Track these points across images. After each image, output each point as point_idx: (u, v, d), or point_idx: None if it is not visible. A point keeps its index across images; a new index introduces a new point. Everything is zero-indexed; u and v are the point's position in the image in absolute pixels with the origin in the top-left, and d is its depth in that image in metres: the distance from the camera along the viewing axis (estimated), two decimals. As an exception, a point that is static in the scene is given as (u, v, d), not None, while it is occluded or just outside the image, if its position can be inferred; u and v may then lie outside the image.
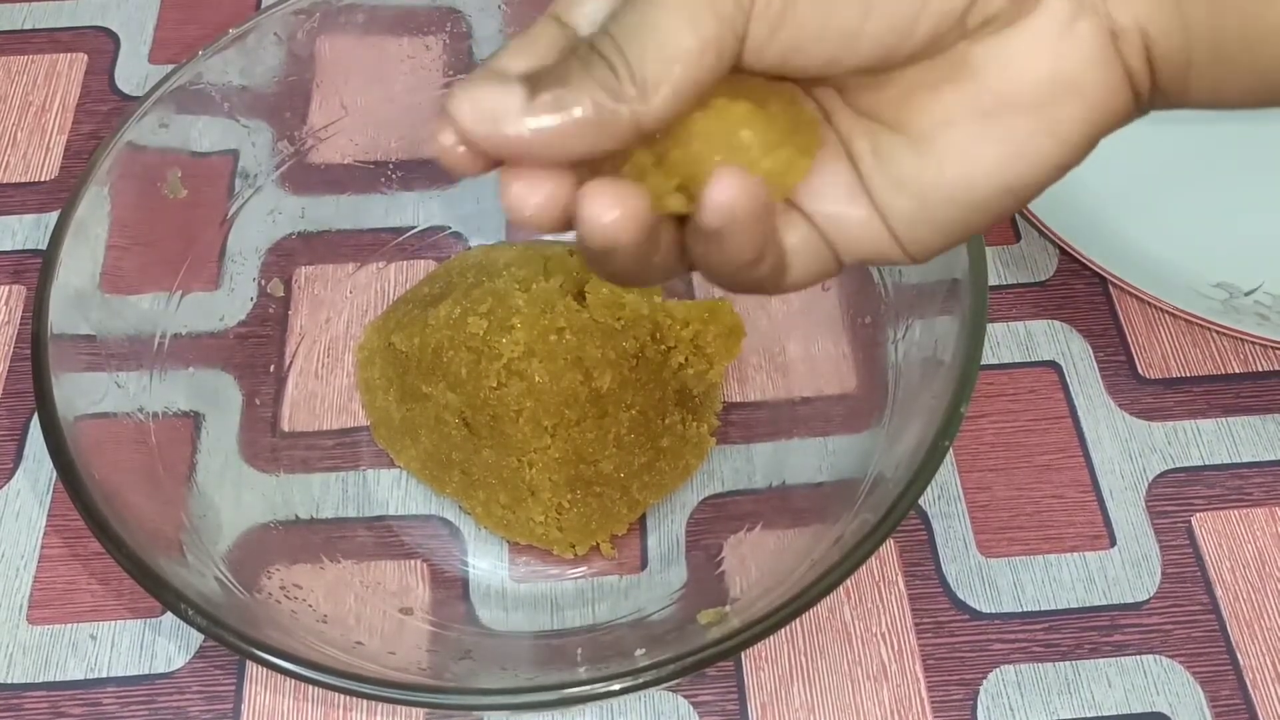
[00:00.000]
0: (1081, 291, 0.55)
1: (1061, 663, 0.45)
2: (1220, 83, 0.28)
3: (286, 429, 0.50)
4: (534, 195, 0.28)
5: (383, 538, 0.48)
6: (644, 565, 0.48)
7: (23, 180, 0.59)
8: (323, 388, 0.52)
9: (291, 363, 0.52)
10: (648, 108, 0.26)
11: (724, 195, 0.28)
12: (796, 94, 0.30)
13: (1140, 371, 0.52)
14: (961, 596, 0.47)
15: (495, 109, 0.26)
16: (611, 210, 0.27)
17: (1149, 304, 0.52)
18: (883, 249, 0.31)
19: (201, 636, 0.46)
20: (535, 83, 0.27)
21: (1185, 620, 0.46)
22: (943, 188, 0.29)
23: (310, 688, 0.44)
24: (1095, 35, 0.28)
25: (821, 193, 0.31)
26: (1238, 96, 0.29)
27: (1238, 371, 0.52)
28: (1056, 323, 0.54)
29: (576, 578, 0.47)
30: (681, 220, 0.30)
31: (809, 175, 0.30)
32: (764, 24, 0.27)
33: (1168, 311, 0.51)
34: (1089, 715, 0.44)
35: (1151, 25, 0.28)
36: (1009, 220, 0.57)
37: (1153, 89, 0.29)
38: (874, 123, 0.30)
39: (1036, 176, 0.29)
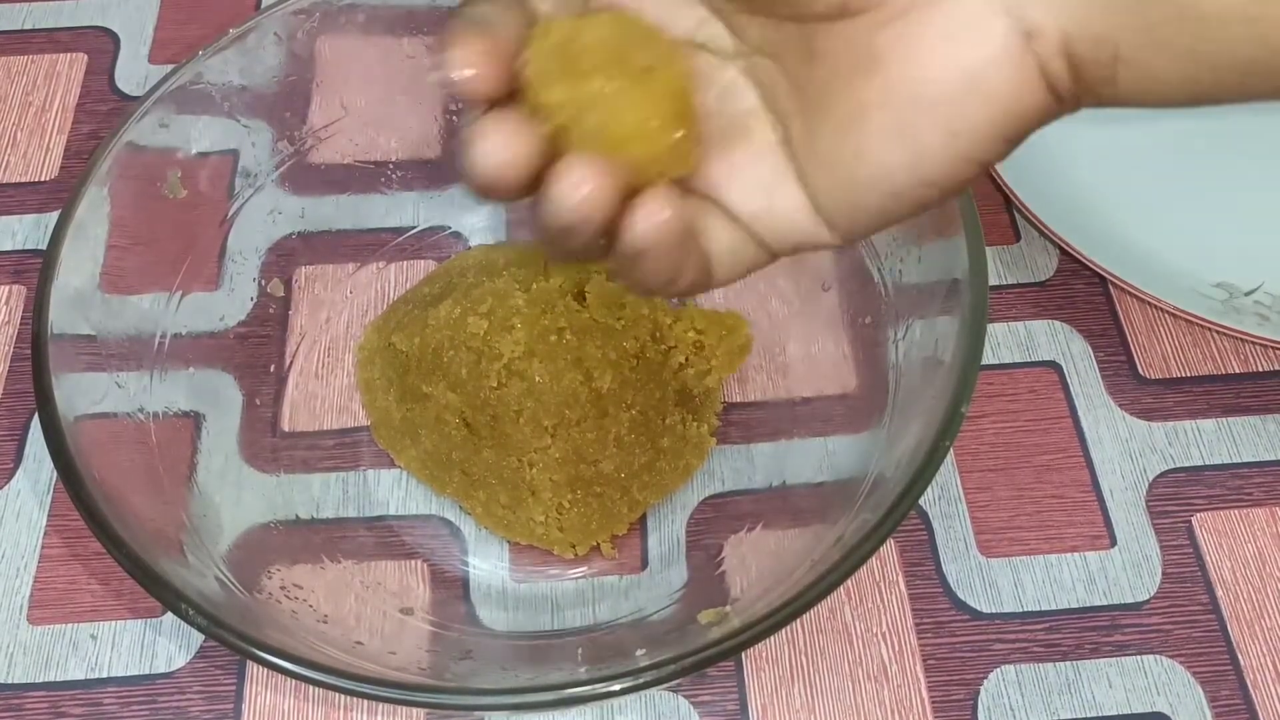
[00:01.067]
0: (1082, 292, 0.55)
1: (1062, 663, 0.45)
2: (1154, 74, 0.27)
3: (287, 429, 0.50)
4: (503, 152, 0.28)
5: (383, 538, 0.48)
6: (644, 565, 0.47)
7: (23, 180, 0.59)
8: (323, 388, 0.52)
9: (292, 363, 0.52)
10: None
11: (644, 224, 0.29)
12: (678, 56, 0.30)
13: (1140, 372, 0.52)
14: (962, 597, 0.47)
15: None
16: (584, 185, 0.28)
17: (1149, 304, 0.52)
18: (812, 234, 0.31)
19: (202, 636, 0.46)
20: None
21: (1185, 620, 0.46)
22: (861, 174, 0.29)
23: (311, 688, 0.44)
24: (1007, 34, 0.27)
25: (749, 184, 0.31)
26: (1176, 88, 0.27)
27: (1238, 371, 0.52)
28: (1057, 323, 0.54)
29: (577, 578, 0.47)
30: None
31: (738, 170, 0.30)
32: None
33: (1168, 312, 0.51)
34: (1089, 715, 0.44)
35: (1071, 21, 0.27)
36: (1008, 220, 0.57)
37: (1076, 86, 0.28)
38: (807, 102, 0.30)
39: (950, 173, 0.29)
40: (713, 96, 0.31)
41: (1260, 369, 0.52)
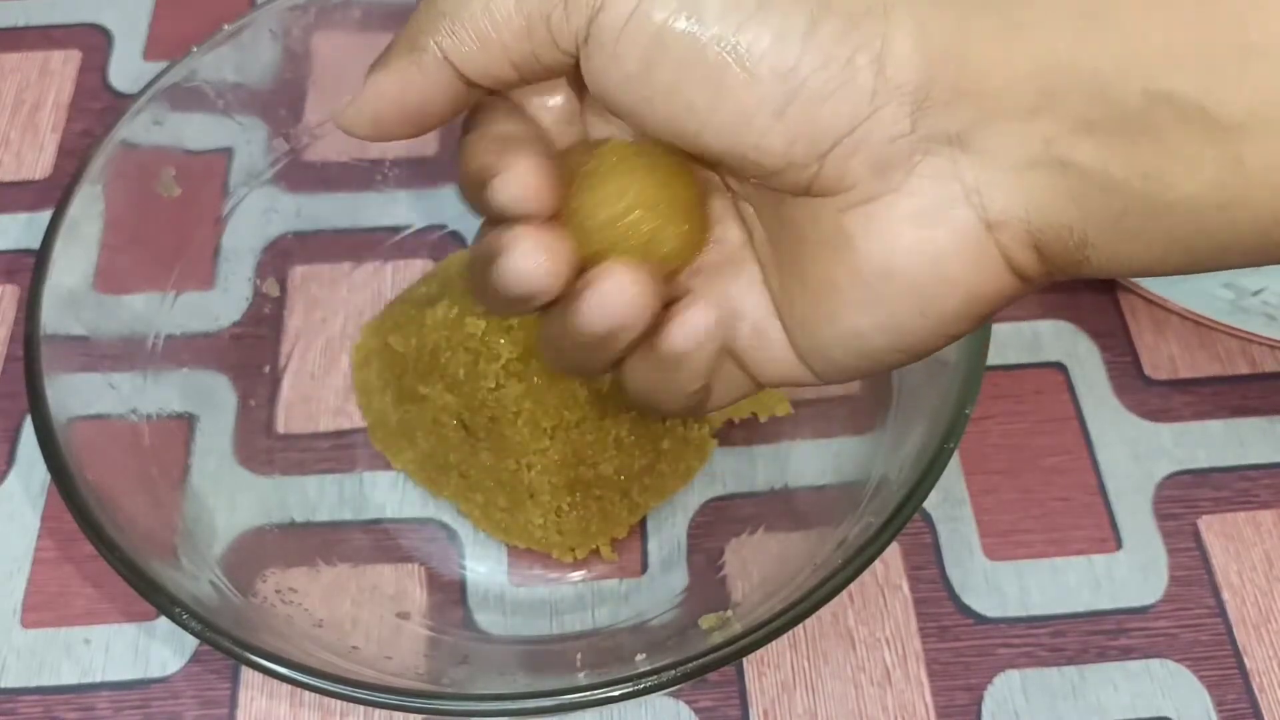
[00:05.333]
0: (1088, 291, 0.54)
1: (1067, 667, 0.45)
2: (1125, 256, 0.27)
3: (282, 430, 0.50)
4: (545, 263, 0.30)
5: (379, 541, 0.48)
6: (645, 569, 0.47)
7: (15, 179, 0.58)
8: (319, 389, 0.51)
9: (287, 363, 0.51)
10: (457, 46, 0.29)
11: (686, 329, 0.31)
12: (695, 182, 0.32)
13: (1147, 373, 0.52)
14: (966, 601, 0.46)
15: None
16: (630, 288, 0.29)
17: (1156, 304, 0.51)
18: (797, 372, 0.32)
19: (196, 641, 0.45)
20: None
21: (1192, 624, 0.46)
22: (835, 337, 0.30)
23: (306, 693, 0.43)
24: (967, 224, 0.27)
25: (742, 317, 0.32)
26: (1150, 266, 0.28)
27: (1245, 373, 0.52)
28: (1063, 323, 0.53)
29: (576, 582, 0.47)
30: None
31: (733, 301, 0.32)
32: (603, 51, 0.28)
33: (1175, 312, 0.50)
34: (1095, 721, 0.44)
35: (1035, 212, 0.27)
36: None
37: (1043, 267, 0.28)
38: (780, 261, 0.31)
39: (921, 344, 0.30)
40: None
41: (1268, 370, 0.52)
